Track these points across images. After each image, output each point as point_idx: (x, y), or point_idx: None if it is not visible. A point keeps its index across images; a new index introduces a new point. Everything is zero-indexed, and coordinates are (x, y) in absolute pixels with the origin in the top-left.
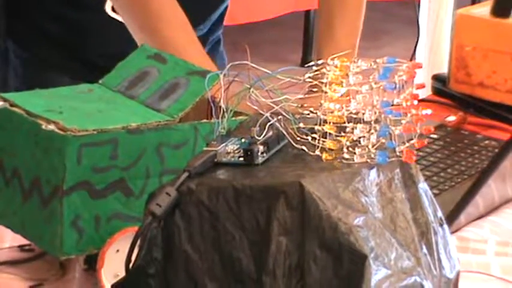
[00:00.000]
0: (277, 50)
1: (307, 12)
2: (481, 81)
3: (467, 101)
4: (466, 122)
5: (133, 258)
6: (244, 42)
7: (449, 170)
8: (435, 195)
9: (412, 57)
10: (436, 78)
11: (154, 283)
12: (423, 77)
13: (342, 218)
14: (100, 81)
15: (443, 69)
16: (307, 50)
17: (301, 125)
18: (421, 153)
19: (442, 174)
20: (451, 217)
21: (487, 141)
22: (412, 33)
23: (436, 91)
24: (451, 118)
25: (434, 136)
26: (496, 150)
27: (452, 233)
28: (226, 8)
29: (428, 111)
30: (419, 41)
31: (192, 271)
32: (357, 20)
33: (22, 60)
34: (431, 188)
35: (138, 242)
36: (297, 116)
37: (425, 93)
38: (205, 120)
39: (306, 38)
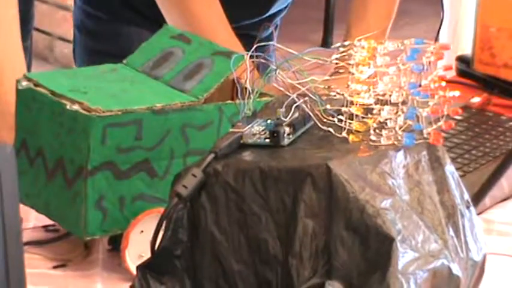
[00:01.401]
0: (298, 30)
1: None
2: (506, 62)
3: (491, 82)
4: (491, 104)
5: (158, 239)
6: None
7: (473, 152)
8: (459, 177)
9: (436, 38)
10: (460, 59)
11: (180, 264)
12: (447, 58)
13: (369, 201)
14: (124, 61)
15: (467, 51)
16: (328, 30)
17: (328, 106)
18: (445, 135)
19: (466, 156)
20: (476, 199)
21: (511, 123)
22: (434, 14)
23: (460, 72)
24: (476, 99)
25: (459, 117)
26: None
27: (477, 215)
28: None
29: (456, 93)
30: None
31: (218, 253)
32: (392, 5)
33: (86, 14)
34: (456, 169)
35: (164, 224)
36: (324, 98)
37: (449, 74)
38: (229, 101)
39: (326, 18)
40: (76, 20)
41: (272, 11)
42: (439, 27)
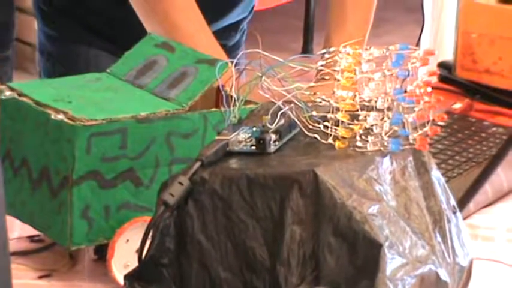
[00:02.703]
0: (278, 38)
1: (308, 1)
2: (488, 68)
3: (473, 88)
4: (473, 109)
5: (145, 248)
6: (246, 31)
7: (457, 157)
8: None
9: (417, 44)
10: (442, 65)
11: (167, 273)
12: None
13: (357, 207)
14: (108, 70)
15: (449, 56)
16: (308, 39)
17: (314, 113)
18: (428, 141)
19: (450, 161)
20: (460, 204)
21: (494, 128)
22: (413, 21)
23: (442, 78)
24: (458, 105)
25: (441, 123)
26: (504, 137)
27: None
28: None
29: (440, 97)
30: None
31: (205, 260)
32: (369, 11)
33: (46, 36)
34: None
35: (151, 232)
36: (309, 104)
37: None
38: (214, 109)
39: (306, 27)
40: (38, 44)
41: (236, 18)
42: (420, 34)
